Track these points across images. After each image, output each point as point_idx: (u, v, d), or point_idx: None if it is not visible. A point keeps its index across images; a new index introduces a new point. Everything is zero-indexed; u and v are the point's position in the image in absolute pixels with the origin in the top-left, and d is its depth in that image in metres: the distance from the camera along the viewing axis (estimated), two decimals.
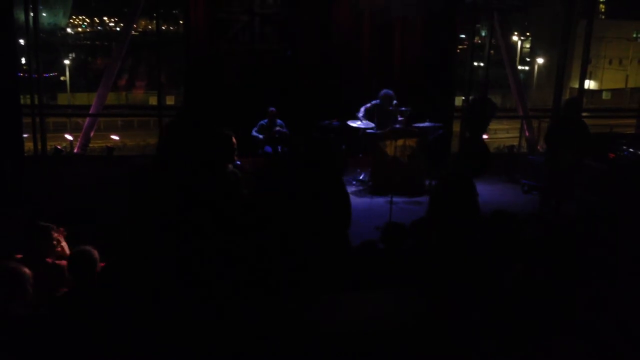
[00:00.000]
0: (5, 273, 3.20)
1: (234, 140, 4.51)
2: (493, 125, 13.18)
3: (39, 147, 11.02)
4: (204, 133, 1.92)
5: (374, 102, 9.23)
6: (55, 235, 4.10)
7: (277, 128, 9.49)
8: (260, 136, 9.47)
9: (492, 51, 13.28)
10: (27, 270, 3.25)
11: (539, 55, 39.84)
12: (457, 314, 2.59)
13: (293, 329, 2.31)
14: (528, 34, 43.63)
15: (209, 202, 1.92)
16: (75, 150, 12.06)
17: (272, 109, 9.48)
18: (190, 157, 1.91)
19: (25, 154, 10.87)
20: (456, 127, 11.69)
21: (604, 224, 4.28)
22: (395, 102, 9.13)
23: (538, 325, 2.61)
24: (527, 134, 12.94)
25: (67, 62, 33.94)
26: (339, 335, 2.28)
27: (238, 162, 8.76)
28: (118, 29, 38.77)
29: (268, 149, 9.45)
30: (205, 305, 2.00)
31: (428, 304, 2.67)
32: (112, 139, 22.63)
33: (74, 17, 42.42)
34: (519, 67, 32.61)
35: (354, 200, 8.54)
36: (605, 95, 38.74)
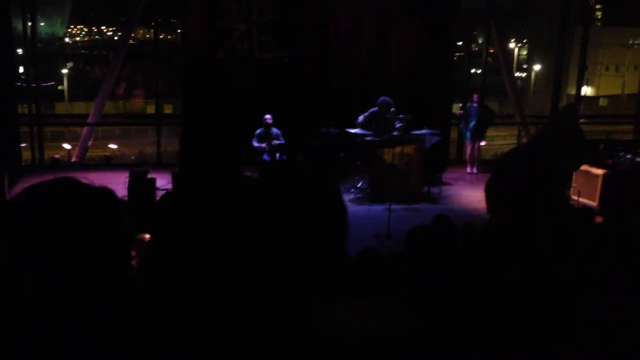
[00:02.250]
0: None
1: None
2: (490, 132, 13.19)
3: (37, 156, 11.03)
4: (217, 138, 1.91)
5: (372, 109, 9.24)
6: None
7: (275, 141, 9.49)
8: (264, 144, 9.46)
9: (489, 58, 13.33)
10: None
11: (535, 62, 39.96)
12: (456, 321, 2.60)
13: (291, 334, 2.32)
14: (525, 40, 43.76)
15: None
16: (73, 159, 12.06)
17: (268, 116, 9.47)
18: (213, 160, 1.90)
19: (23, 163, 10.88)
20: (454, 133, 11.72)
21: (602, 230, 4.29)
22: (393, 109, 9.15)
23: (538, 332, 2.62)
24: (524, 140, 12.97)
25: (65, 71, 33.93)
26: (337, 341, 2.29)
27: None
28: (116, 38, 38.85)
29: (266, 157, 9.46)
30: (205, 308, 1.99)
31: (427, 311, 2.68)
32: (110, 147, 22.60)
33: (71, 26, 42.48)
34: (516, 74, 32.72)
35: (352, 208, 8.59)
36: (602, 102, 38.81)
